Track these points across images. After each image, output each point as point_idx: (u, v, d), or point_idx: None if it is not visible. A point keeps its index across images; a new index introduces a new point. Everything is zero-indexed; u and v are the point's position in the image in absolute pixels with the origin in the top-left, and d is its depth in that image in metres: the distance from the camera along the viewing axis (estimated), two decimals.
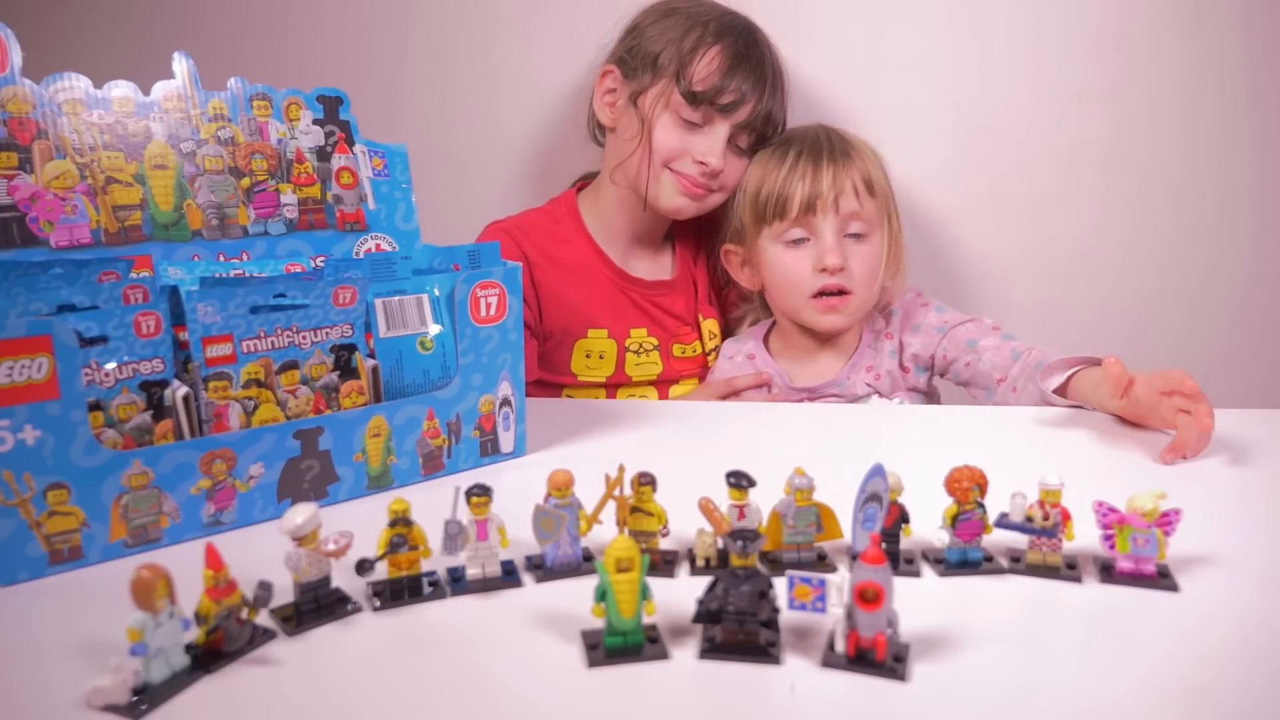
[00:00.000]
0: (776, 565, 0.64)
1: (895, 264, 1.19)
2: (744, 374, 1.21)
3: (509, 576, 0.63)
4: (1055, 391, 0.99)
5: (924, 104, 1.33)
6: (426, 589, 0.61)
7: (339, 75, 0.97)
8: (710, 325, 1.31)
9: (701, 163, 1.16)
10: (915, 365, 1.20)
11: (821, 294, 1.15)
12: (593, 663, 0.53)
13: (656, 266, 1.30)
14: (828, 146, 1.15)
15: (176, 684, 0.51)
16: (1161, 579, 0.61)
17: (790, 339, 1.23)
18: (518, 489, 0.77)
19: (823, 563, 0.65)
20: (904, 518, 0.64)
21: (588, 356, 1.23)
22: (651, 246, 1.30)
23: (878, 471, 0.61)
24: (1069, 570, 0.63)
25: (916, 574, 0.63)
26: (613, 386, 1.25)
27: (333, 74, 1.04)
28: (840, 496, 0.64)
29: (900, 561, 0.64)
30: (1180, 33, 1.28)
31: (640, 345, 1.26)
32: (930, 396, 1.23)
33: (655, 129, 1.17)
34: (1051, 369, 1.00)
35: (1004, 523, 0.63)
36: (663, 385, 1.27)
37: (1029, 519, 0.63)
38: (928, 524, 0.64)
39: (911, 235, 1.36)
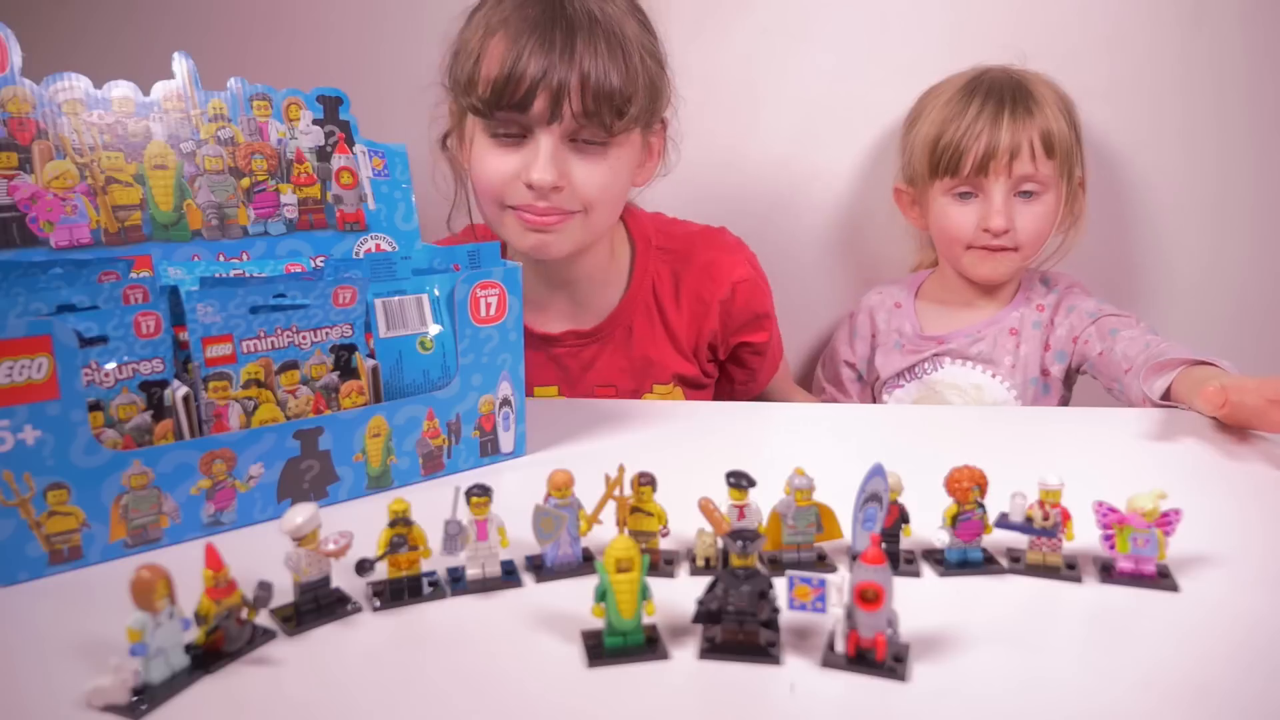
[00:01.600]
0: (776, 565, 0.64)
1: (1072, 217, 1.21)
2: None
3: (509, 576, 0.63)
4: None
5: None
6: (426, 589, 0.61)
7: (339, 75, 0.97)
8: (666, 391, 1.08)
9: (529, 185, 0.92)
10: (1057, 349, 1.20)
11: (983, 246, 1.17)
12: (593, 663, 0.53)
13: (580, 314, 1.07)
14: (1010, 98, 1.14)
15: (176, 684, 0.51)
16: (1161, 579, 0.61)
17: (948, 285, 1.27)
18: (518, 489, 0.77)
19: (823, 563, 0.65)
20: (904, 518, 0.64)
21: None
22: (563, 292, 1.05)
23: (878, 471, 0.61)
24: (1069, 570, 0.63)
25: (916, 574, 0.63)
26: None
27: (333, 74, 1.04)
28: (840, 496, 0.64)
29: (900, 561, 0.64)
30: (1180, 32, 1.28)
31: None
32: (1060, 396, 1.22)
33: (473, 162, 0.96)
34: (1157, 369, 0.98)
35: (1004, 523, 0.63)
36: None
37: (1029, 519, 0.62)
38: (928, 524, 0.64)
39: (911, 236, 1.36)
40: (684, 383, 1.10)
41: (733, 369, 1.18)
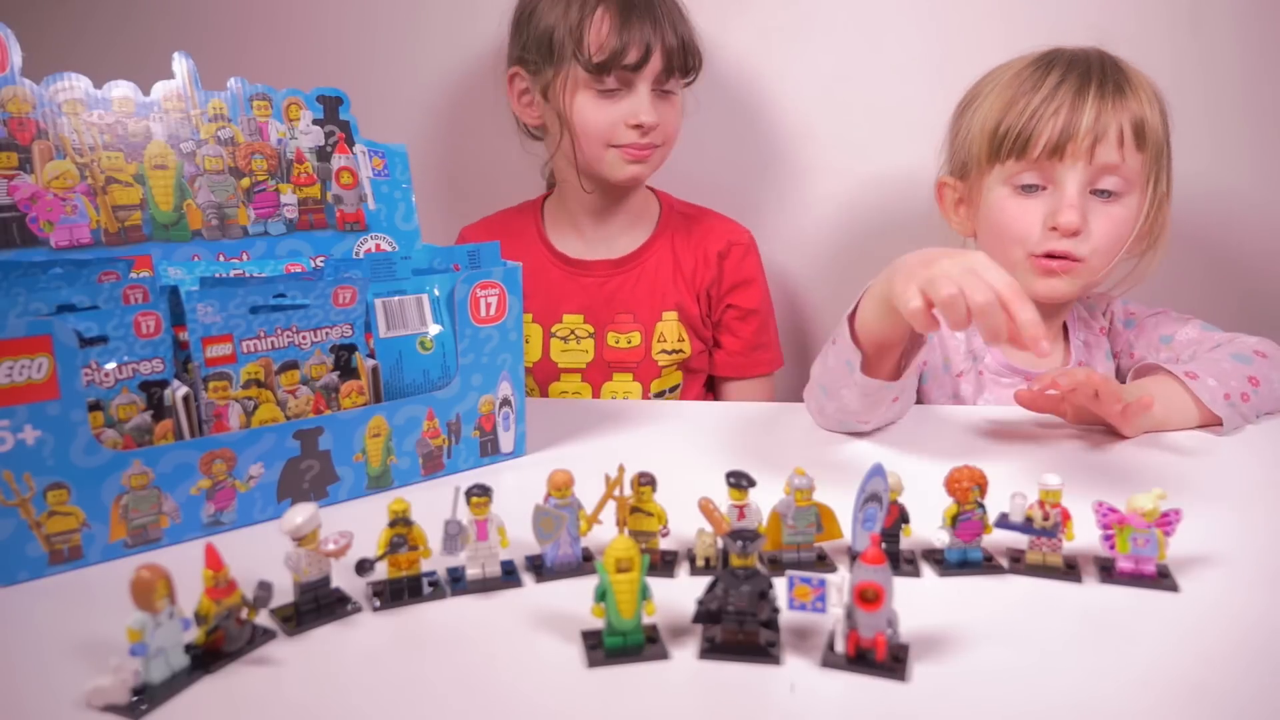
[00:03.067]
0: (776, 565, 0.64)
1: (1152, 235, 0.99)
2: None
3: (509, 576, 0.63)
4: None
5: (919, 104, 1.33)
6: (426, 589, 0.61)
7: (339, 75, 0.97)
8: (666, 328, 1.24)
9: (636, 125, 1.14)
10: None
11: (1047, 255, 0.96)
12: (593, 663, 0.53)
13: (608, 246, 1.25)
14: (1099, 74, 0.94)
15: (176, 684, 0.51)
16: (1161, 579, 0.61)
17: None
18: (518, 489, 0.77)
19: (823, 563, 0.65)
20: (904, 518, 0.64)
21: None
22: (605, 225, 1.26)
23: (878, 471, 0.61)
24: (1069, 570, 0.63)
25: (916, 574, 0.63)
26: (543, 382, 1.24)
27: (333, 74, 1.04)
28: (840, 496, 0.64)
29: (900, 561, 0.64)
30: (1176, 34, 1.28)
31: (571, 332, 1.23)
32: None
33: (575, 114, 1.14)
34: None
35: (1004, 523, 0.63)
36: (594, 375, 1.23)
37: (1029, 519, 0.63)
38: (928, 524, 0.64)
39: (912, 237, 1.36)
40: (685, 318, 1.25)
41: (723, 338, 1.29)
